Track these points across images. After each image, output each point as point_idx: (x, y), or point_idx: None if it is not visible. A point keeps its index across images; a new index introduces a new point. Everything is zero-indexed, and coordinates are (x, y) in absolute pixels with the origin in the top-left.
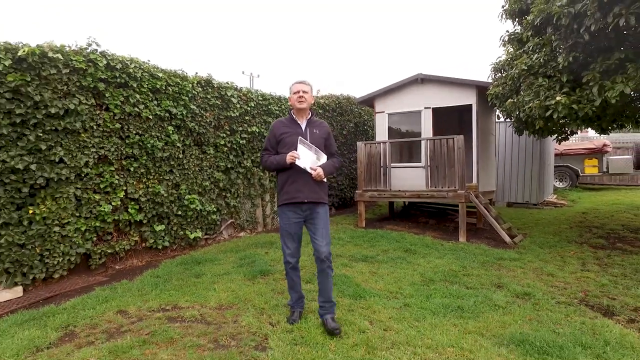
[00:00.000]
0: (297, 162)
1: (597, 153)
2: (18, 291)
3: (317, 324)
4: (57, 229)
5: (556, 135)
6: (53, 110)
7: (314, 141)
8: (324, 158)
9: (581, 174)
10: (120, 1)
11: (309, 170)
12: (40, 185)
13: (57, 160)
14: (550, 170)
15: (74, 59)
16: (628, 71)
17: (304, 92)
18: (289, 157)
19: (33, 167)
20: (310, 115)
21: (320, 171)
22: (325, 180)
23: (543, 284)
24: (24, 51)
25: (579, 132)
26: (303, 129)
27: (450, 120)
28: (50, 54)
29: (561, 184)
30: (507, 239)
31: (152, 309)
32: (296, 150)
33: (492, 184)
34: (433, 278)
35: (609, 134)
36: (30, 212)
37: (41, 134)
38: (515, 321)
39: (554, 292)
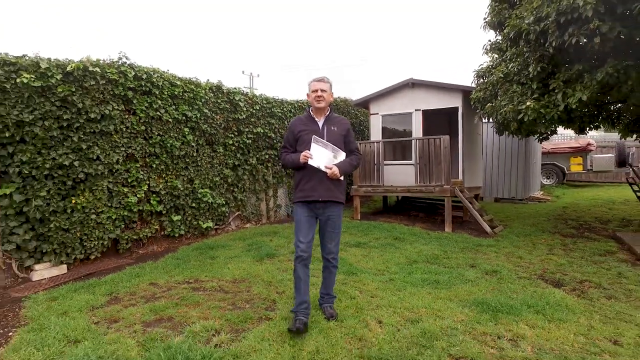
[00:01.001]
0: (310, 162)
1: (582, 152)
2: (63, 269)
3: (317, 293)
4: (93, 216)
5: (538, 135)
6: (92, 115)
7: (332, 138)
8: (341, 155)
9: (567, 172)
10: (122, 1)
11: (323, 169)
12: (80, 179)
13: (94, 157)
14: (536, 167)
15: (108, 71)
16: (584, 81)
17: (322, 90)
18: (301, 157)
19: (76, 163)
20: (328, 112)
21: (335, 170)
22: (342, 178)
23: (511, 264)
24: (71, 67)
25: (573, 131)
26: (320, 126)
27: (440, 121)
28: (90, 68)
29: (548, 180)
30: (488, 229)
31: (178, 281)
32: (309, 149)
33: (479, 180)
34: (416, 259)
35: (586, 134)
36: (73, 202)
37: (82, 136)
38: (480, 291)
39: (518, 270)
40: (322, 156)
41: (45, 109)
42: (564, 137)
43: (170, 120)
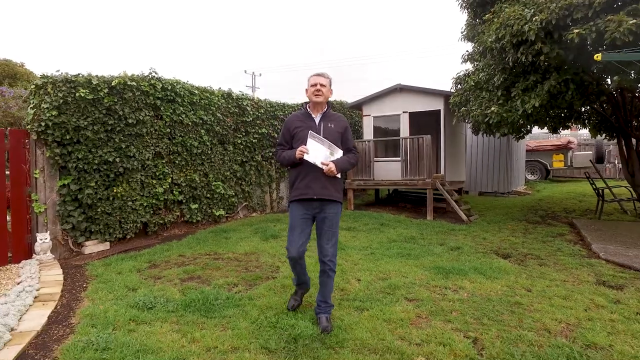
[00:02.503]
0: (306, 157)
1: (563, 149)
2: (107, 245)
3: (309, 262)
4: (129, 203)
5: (514, 134)
6: (130, 121)
7: (329, 135)
8: (339, 153)
9: (550, 168)
10: (126, 2)
11: (319, 165)
12: (120, 172)
13: (131, 155)
14: (519, 164)
15: (142, 84)
16: (537, 90)
17: (321, 85)
18: (297, 152)
19: (117, 160)
20: (326, 109)
21: (332, 166)
22: (339, 176)
23: (474, 243)
24: (114, 82)
25: (570, 130)
26: (317, 122)
27: (426, 122)
28: (128, 82)
29: (532, 176)
30: (464, 217)
31: (201, 254)
32: (306, 144)
33: (462, 175)
34: (396, 239)
35: (559, 133)
36: (114, 191)
37: (122, 137)
38: (441, 260)
39: (478, 247)
40: (319, 152)
41: (95, 116)
42: (551, 136)
43: (189, 123)
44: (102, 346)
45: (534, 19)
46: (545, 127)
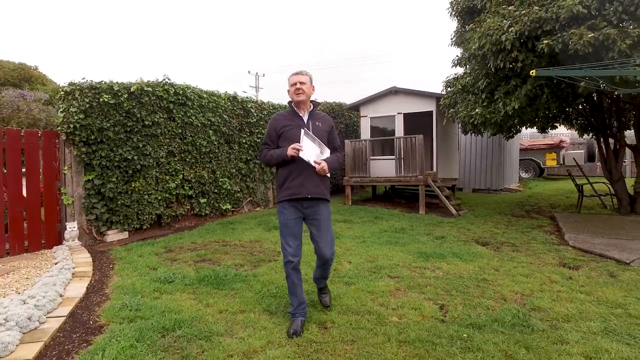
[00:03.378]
0: (301, 154)
1: (555, 148)
2: (125, 234)
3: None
4: (146, 197)
5: (505, 133)
6: (146, 122)
7: (317, 134)
8: (327, 152)
9: (543, 166)
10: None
11: (312, 163)
12: (137, 169)
13: (147, 153)
14: (512, 162)
15: (156, 89)
16: (517, 93)
17: (300, 83)
18: (291, 150)
19: (135, 157)
20: (312, 108)
21: (324, 165)
22: (328, 175)
23: (458, 233)
24: (133, 88)
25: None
26: (305, 121)
27: (420, 122)
28: (145, 88)
29: (526, 174)
30: (453, 211)
31: (211, 241)
32: (299, 142)
33: (454, 172)
34: (387, 230)
35: (548, 132)
36: (132, 186)
37: (139, 137)
38: (425, 247)
39: (461, 236)
40: (311, 151)
41: (116, 119)
42: (546, 135)
43: (199, 124)
44: (134, 307)
45: (510, 29)
46: (535, 127)
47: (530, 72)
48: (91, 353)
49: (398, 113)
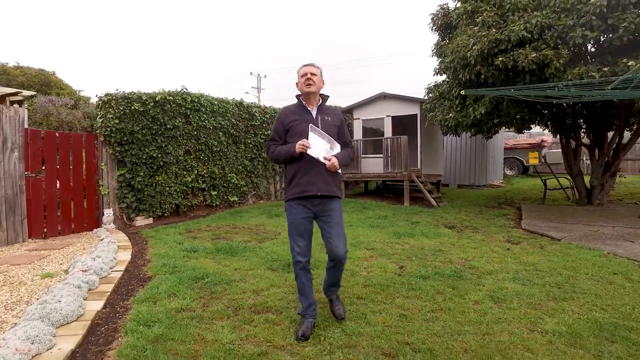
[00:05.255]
0: (309, 152)
1: (537, 147)
2: (150, 220)
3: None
4: (167, 189)
5: (484, 133)
6: (168, 126)
7: (327, 129)
8: (337, 147)
9: (526, 164)
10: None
11: (322, 160)
12: (160, 165)
13: (168, 152)
14: (496, 160)
15: (176, 98)
16: (483, 100)
17: (312, 74)
18: (298, 146)
19: (159, 155)
20: (321, 102)
21: (335, 161)
22: (339, 171)
23: (431, 219)
24: (158, 98)
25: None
26: (314, 115)
27: (408, 124)
28: (167, 97)
29: (511, 171)
30: (434, 202)
31: (223, 225)
32: (307, 138)
33: (439, 169)
34: (371, 217)
35: (523, 133)
36: (156, 179)
37: (162, 139)
38: (400, 229)
39: (433, 222)
40: (320, 147)
41: (144, 123)
42: (531, 135)
43: (211, 127)
44: (172, 266)
45: (474, 47)
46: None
47: (461, 91)
48: (150, 288)
49: (387, 116)
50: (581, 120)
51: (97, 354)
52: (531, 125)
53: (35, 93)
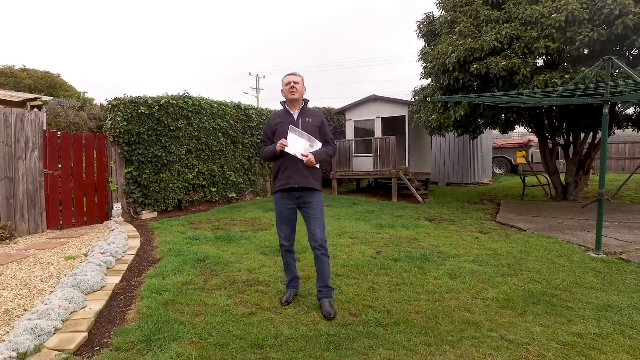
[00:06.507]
0: (287, 150)
1: (524, 147)
2: (155, 214)
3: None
4: (170, 185)
5: (470, 134)
6: (172, 128)
7: (308, 129)
8: (318, 145)
9: (514, 163)
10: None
11: (299, 157)
12: (164, 163)
13: (172, 151)
14: (485, 159)
15: (179, 102)
16: (462, 104)
17: (295, 83)
18: (278, 145)
19: (163, 155)
20: (303, 105)
21: (311, 157)
22: (318, 166)
23: (414, 214)
24: (163, 102)
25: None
26: (295, 118)
27: (397, 125)
28: (171, 101)
29: (500, 170)
30: (420, 198)
31: (222, 218)
32: (287, 138)
33: (427, 168)
34: (360, 212)
35: (508, 133)
36: (161, 176)
37: (166, 139)
38: (383, 222)
39: (415, 215)
40: (299, 145)
41: (149, 125)
42: (520, 134)
43: (210, 128)
44: (177, 250)
45: (452, 55)
46: (497, 129)
47: (428, 99)
48: (159, 267)
49: (377, 117)
50: (556, 122)
51: (120, 312)
52: (515, 126)
53: (52, 98)
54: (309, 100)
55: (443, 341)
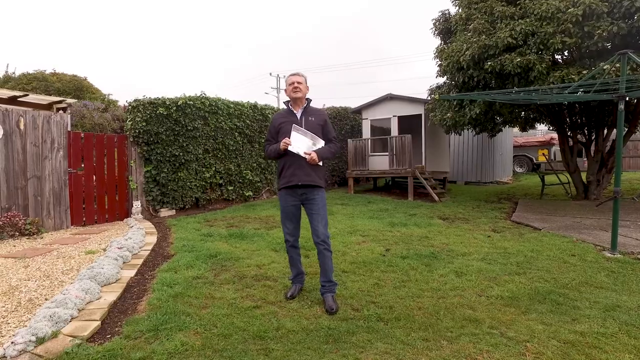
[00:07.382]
0: (290, 148)
1: (546, 145)
2: (173, 212)
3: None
4: (188, 184)
5: (489, 132)
6: (189, 127)
7: (311, 128)
8: (320, 143)
9: (535, 162)
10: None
11: (302, 154)
12: (182, 162)
13: (189, 151)
14: (505, 157)
15: (196, 102)
16: (478, 101)
17: (298, 82)
18: (282, 144)
19: (180, 154)
20: (306, 104)
21: (314, 155)
22: (320, 164)
23: (428, 212)
24: (180, 102)
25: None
26: (299, 117)
27: (414, 124)
28: (188, 102)
29: (520, 168)
30: (435, 197)
31: (237, 216)
32: (290, 137)
33: (445, 166)
34: (374, 210)
35: (528, 131)
36: (178, 175)
37: (184, 139)
38: (396, 220)
39: (428, 214)
40: (302, 143)
41: (167, 125)
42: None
43: (227, 128)
44: (190, 246)
45: (466, 52)
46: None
47: (435, 95)
48: (172, 262)
49: (393, 116)
50: (577, 119)
51: (132, 303)
52: (535, 124)
53: (76, 100)
54: (311, 100)
55: (441, 336)
